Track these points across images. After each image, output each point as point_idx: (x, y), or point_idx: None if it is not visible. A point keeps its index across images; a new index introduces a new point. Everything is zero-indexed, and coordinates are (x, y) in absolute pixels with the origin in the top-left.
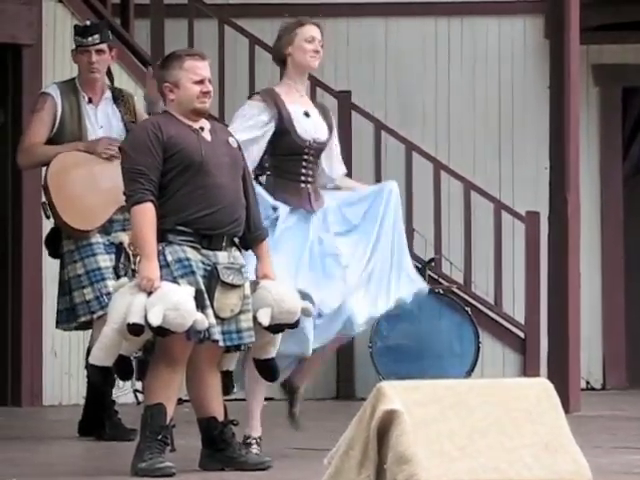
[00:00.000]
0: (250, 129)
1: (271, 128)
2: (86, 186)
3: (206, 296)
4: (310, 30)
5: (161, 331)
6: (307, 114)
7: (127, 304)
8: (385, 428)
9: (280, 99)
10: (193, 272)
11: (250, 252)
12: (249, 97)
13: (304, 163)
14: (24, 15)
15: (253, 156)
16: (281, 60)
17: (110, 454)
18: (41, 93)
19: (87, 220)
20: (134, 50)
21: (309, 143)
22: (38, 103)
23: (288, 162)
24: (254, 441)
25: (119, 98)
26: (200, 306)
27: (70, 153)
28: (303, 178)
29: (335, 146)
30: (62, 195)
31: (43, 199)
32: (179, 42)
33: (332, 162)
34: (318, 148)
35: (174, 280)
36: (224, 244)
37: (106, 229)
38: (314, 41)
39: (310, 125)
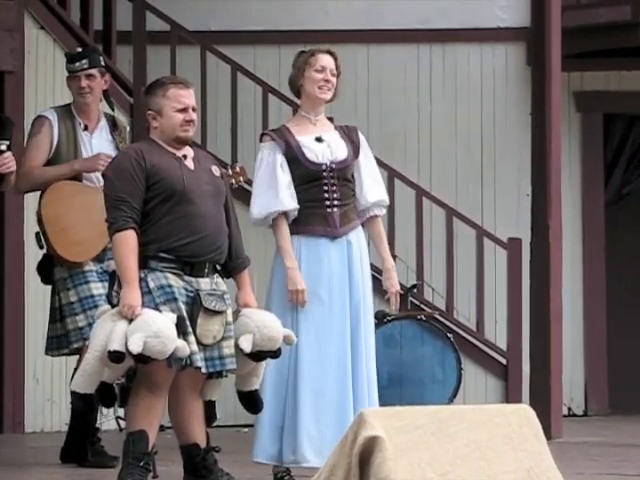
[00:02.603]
0: (269, 168)
1: (283, 160)
2: (80, 217)
3: (188, 323)
4: (321, 60)
5: (142, 358)
6: (319, 139)
7: (108, 331)
8: (367, 455)
9: (289, 131)
10: (175, 299)
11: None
12: (260, 139)
13: (325, 187)
14: (6, 42)
15: (285, 191)
16: (295, 91)
17: None
18: (38, 116)
19: (80, 252)
20: (116, 77)
21: (325, 166)
22: (35, 127)
23: (309, 190)
24: (285, 474)
25: (115, 126)
26: (182, 332)
27: (65, 182)
28: (328, 202)
29: (365, 168)
30: (56, 227)
31: (37, 229)
32: (161, 69)
33: (361, 186)
34: (339, 169)
35: (156, 307)
36: (206, 271)
37: (99, 257)
38: (324, 71)
39: (322, 148)
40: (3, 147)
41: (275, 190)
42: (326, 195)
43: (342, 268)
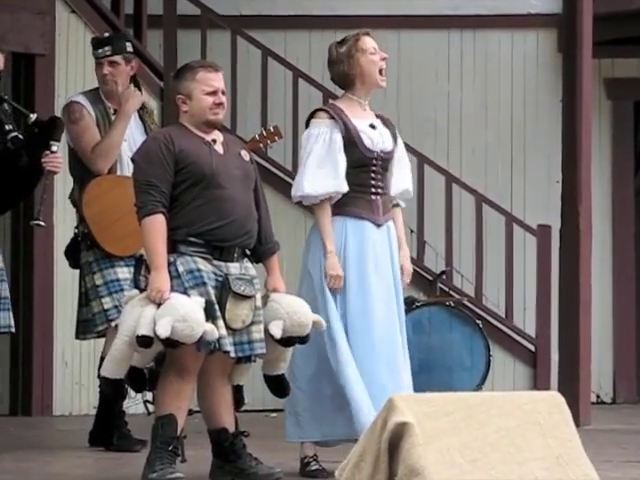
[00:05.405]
0: (331, 147)
1: (342, 142)
2: (122, 210)
3: (217, 307)
4: (369, 42)
5: (170, 342)
6: (372, 126)
7: (137, 316)
8: (396, 440)
9: (344, 113)
10: (204, 283)
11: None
12: (311, 115)
13: (373, 174)
14: (37, 25)
15: (343, 173)
16: (347, 82)
17: (120, 464)
18: (72, 102)
19: (129, 245)
20: (147, 61)
21: (377, 154)
22: (75, 112)
23: (358, 174)
24: (311, 459)
25: (143, 111)
26: (211, 317)
27: (101, 178)
28: (373, 190)
29: (402, 159)
30: (100, 225)
31: (80, 229)
32: (192, 53)
33: (399, 177)
34: (386, 158)
35: (185, 291)
36: (236, 255)
37: None
38: (377, 52)
39: (376, 136)
40: (54, 147)
41: (334, 171)
42: (373, 182)
43: (385, 254)
